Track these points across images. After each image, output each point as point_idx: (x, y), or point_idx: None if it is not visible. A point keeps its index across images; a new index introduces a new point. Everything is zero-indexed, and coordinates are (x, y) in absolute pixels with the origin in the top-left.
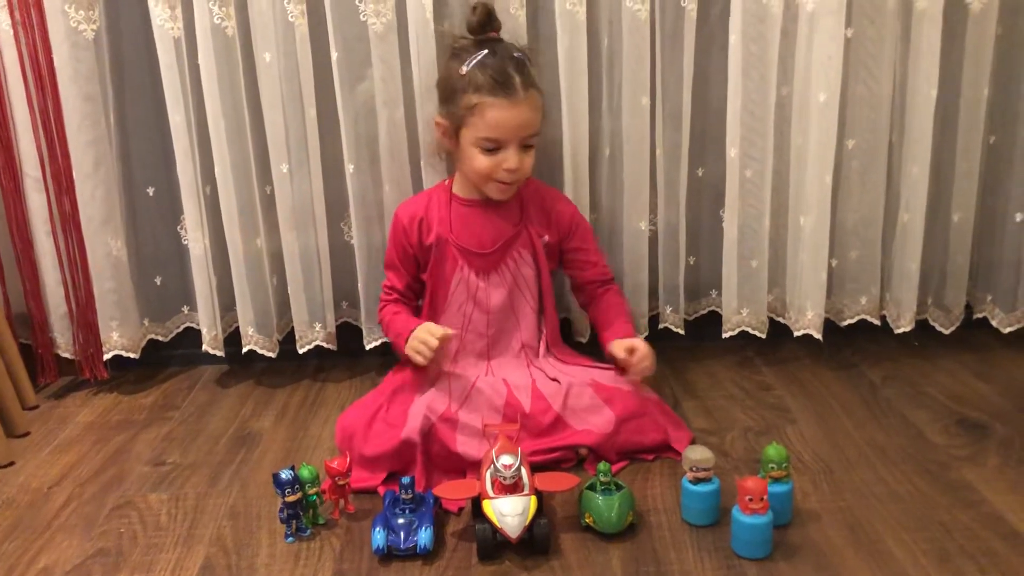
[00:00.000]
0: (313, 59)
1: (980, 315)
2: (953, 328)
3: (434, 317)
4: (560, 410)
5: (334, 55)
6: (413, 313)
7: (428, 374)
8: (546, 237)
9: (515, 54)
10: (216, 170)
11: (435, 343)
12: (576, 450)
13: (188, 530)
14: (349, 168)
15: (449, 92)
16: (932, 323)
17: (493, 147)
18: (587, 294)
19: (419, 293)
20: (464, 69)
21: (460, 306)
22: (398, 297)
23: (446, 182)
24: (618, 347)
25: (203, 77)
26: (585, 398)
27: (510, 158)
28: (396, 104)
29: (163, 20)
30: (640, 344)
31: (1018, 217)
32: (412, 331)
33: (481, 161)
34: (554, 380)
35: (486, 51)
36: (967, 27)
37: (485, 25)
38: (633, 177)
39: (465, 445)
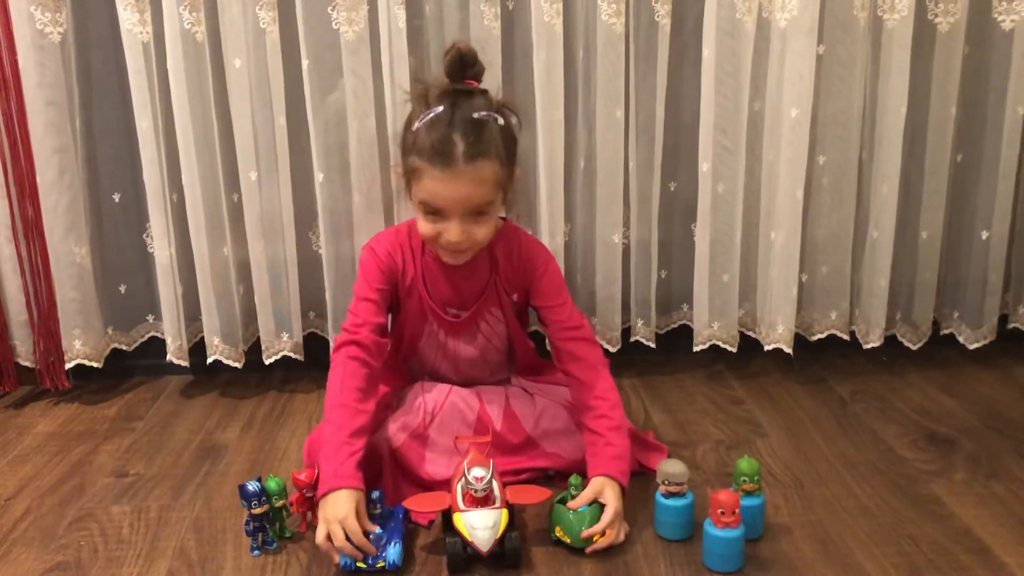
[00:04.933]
0: (284, 67)
1: (947, 331)
2: (921, 344)
3: (400, 360)
4: (531, 431)
5: (305, 63)
6: (376, 366)
7: (401, 391)
8: (515, 296)
9: (476, 115)
10: (183, 177)
11: (341, 544)
12: (544, 472)
13: (151, 543)
14: (319, 177)
15: (402, 144)
16: (900, 339)
17: (434, 213)
18: (561, 358)
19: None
20: (416, 125)
21: (431, 354)
22: (366, 336)
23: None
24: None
25: (172, 83)
26: (559, 422)
27: (450, 230)
28: (367, 114)
29: (132, 24)
30: (609, 515)
31: (984, 235)
32: (330, 490)
33: (424, 225)
34: (530, 395)
35: (442, 108)
36: (935, 46)
37: (457, 72)
38: (607, 190)
39: (434, 463)
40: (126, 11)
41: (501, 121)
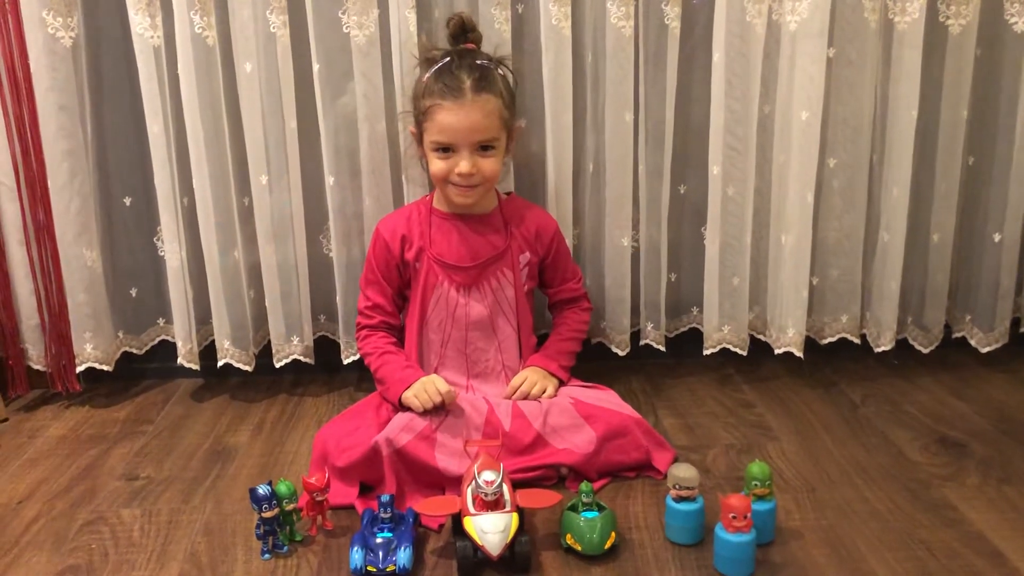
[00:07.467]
0: (294, 70)
1: (959, 334)
2: (932, 347)
3: (413, 336)
4: (540, 429)
5: (316, 67)
6: (398, 340)
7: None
8: (528, 255)
9: (479, 61)
10: (194, 181)
11: (439, 400)
12: (557, 468)
13: (162, 546)
14: (329, 180)
15: (414, 100)
16: (911, 342)
17: (446, 150)
18: (558, 311)
19: (401, 308)
20: (425, 76)
21: (440, 323)
22: (381, 320)
23: (427, 197)
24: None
25: (182, 87)
26: (566, 417)
27: (462, 162)
28: (378, 118)
29: (143, 29)
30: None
31: (996, 237)
32: (413, 383)
33: (436, 165)
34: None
35: (448, 58)
36: (946, 49)
37: (459, 37)
38: (616, 193)
39: (444, 462)
40: (137, 15)
41: (502, 71)
